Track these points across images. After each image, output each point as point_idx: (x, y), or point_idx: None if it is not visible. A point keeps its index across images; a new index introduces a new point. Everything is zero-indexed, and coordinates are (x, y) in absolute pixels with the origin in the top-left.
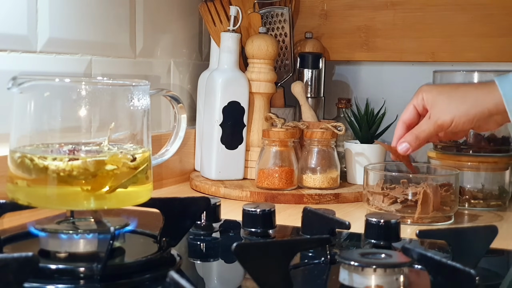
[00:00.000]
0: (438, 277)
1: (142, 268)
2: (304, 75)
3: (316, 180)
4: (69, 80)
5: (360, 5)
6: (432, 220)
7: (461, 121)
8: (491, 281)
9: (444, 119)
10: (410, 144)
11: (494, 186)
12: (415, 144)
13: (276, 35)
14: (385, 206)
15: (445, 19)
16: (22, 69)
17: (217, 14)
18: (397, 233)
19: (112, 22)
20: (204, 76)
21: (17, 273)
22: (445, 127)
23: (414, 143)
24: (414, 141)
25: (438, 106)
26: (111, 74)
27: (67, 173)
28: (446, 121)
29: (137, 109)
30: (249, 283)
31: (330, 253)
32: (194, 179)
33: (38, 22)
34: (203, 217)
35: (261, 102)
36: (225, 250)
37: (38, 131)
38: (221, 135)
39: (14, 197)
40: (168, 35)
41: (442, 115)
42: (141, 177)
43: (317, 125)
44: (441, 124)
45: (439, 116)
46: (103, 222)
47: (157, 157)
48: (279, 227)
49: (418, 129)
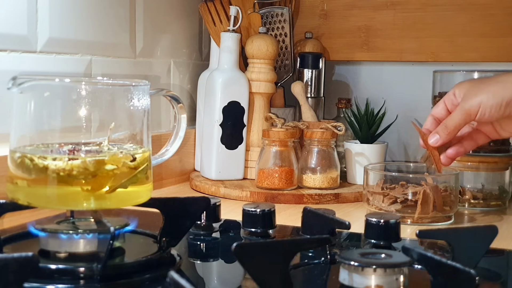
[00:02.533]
0: (438, 277)
1: (142, 268)
2: (304, 75)
3: (316, 180)
4: (69, 80)
5: (360, 5)
6: (432, 220)
7: (488, 104)
8: (491, 281)
9: (471, 104)
10: (439, 134)
11: (494, 186)
12: (445, 134)
13: (276, 35)
14: (385, 206)
15: (445, 19)
16: (22, 69)
17: (217, 14)
18: (397, 233)
19: (112, 22)
20: (204, 76)
21: (17, 273)
22: (473, 112)
23: (443, 133)
24: (443, 131)
25: (468, 94)
26: (111, 74)
27: (67, 172)
28: (473, 105)
29: (137, 109)
30: (249, 283)
31: (330, 253)
32: (194, 179)
33: (38, 22)
34: (203, 217)
35: (261, 102)
36: (225, 250)
37: (38, 131)
38: (221, 135)
39: (14, 197)
40: (168, 35)
41: (470, 99)
42: (141, 177)
43: (317, 125)
44: (468, 110)
45: (467, 101)
46: (103, 222)
47: (157, 157)
48: (279, 227)
49: (448, 119)
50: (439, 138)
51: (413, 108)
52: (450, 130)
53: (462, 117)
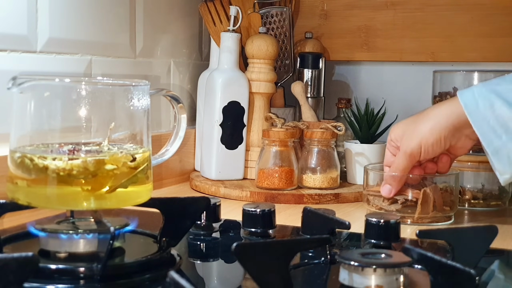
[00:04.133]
0: (438, 277)
1: (142, 268)
2: (304, 75)
3: (316, 180)
4: (69, 80)
5: (360, 5)
6: (432, 220)
7: (429, 143)
8: (491, 281)
9: (412, 146)
10: (390, 185)
11: (494, 186)
12: (395, 183)
13: (276, 35)
14: (385, 206)
15: (445, 19)
16: (22, 69)
17: (217, 14)
18: (397, 233)
19: (112, 22)
20: (204, 76)
21: (17, 273)
22: (415, 154)
23: (393, 182)
24: (391, 180)
25: (405, 136)
26: (111, 74)
27: (67, 172)
28: (414, 147)
29: (137, 109)
30: (249, 283)
31: (330, 253)
32: (194, 179)
33: (38, 22)
34: (203, 217)
35: (261, 102)
36: (225, 250)
37: (38, 131)
38: (221, 135)
39: (14, 197)
40: (168, 35)
41: (409, 142)
42: (141, 177)
43: (317, 125)
44: (410, 153)
45: (407, 144)
46: (103, 222)
47: (157, 157)
48: (279, 227)
49: (392, 166)
50: (391, 188)
51: (413, 108)
52: (399, 177)
53: (407, 161)
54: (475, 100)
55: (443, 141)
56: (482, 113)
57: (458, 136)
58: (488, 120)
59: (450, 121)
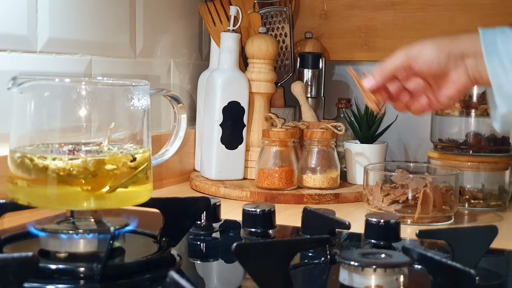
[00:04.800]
0: (438, 277)
1: (142, 268)
2: (304, 75)
3: (316, 180)
4: (69, 80)
5: (360, 5)
6: (432, 220)
7: (428, 50)
8: (491, 281)
9: (412, 48)
10: (373, 76)
11: (494, 186)
12: (379, 76)
13: (276, 35)
14: (385, 206)
15: (445, 19)
16: (22, 69)
17: (217, 14)
18: (397, 233)
19: (112, 22)
20: (204, 76)
21: (17, 273)
22: (412, 54)
23: (377, 74)
24: (378, 73)
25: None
26: (111, 74)
27: (67, 172)
28: (414, 48)
29: (137, 109)
30: (249, 283)
31: (330, 253)
32: (194, 179)
33: (38, 22)
34: (203, 217)
35: (261, 102)
36: (225, 250)
37: (38, 131)
38: (221, 135)
39: (14, 197)
40: (168, 35)
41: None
42: (141, 177)
43: (317, 125)
44: (408, 51)
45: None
46: (103, 222)
47: (157, 157)
48: (279, 227)
49: (385, 62)
50: (373, 80)
51: None
52: (385, 72)
53: (400, 58)
54: (495, 34)
55: (444, 56)
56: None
57: (459, 64)
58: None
59: (461, 45)
